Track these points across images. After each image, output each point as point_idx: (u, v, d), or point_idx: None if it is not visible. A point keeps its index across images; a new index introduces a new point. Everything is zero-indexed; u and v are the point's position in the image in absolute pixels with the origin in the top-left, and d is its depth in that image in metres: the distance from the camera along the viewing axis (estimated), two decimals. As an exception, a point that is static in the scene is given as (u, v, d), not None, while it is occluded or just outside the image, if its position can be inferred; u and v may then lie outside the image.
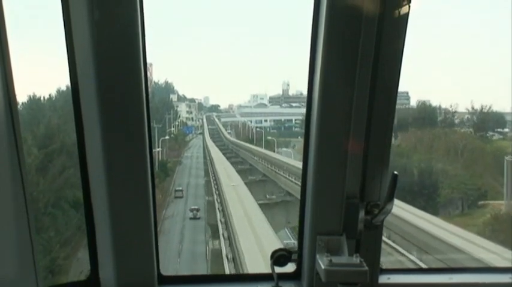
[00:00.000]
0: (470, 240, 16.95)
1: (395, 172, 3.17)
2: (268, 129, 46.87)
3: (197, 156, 50.16)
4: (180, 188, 41.83)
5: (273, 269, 3.40)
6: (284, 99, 46.64)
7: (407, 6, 3.10)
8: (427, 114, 35.89)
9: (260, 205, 28.04)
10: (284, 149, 42.75)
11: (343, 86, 3.16)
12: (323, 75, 3.13)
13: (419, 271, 4.10)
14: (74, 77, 3.01)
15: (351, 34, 3.08)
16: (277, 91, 48.18)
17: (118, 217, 3.15)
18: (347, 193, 3.28)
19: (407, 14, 3.12)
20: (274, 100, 47.80)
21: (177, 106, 48.77)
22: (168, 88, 47.39)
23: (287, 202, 28.82)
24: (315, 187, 3.29)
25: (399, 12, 3.11)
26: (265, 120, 47.41)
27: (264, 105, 48.33)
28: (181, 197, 40.76)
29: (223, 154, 46.20)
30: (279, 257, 3.41)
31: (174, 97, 48.13)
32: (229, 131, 52.84)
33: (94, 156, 3.07)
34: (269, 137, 44.92)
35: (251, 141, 47.06)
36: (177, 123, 48.86)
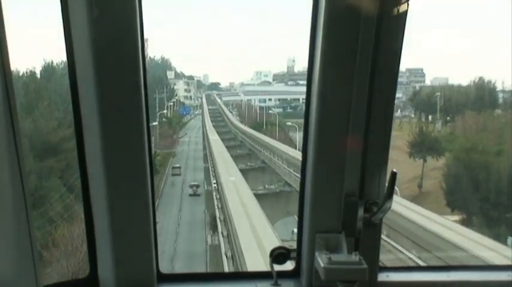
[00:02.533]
0: None
1: (395, 170, 3.42)
2: (272, 108, 46.35)
3: (196, 141, 46.66)
4: (178, 165, 41.31)
5: (272, 267, 3.68)
6: (289, 76, 46.36)
7: (406, 4, 3.34)
8: (486, 94, 32.42)
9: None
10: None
11: (341, 84, 3.41)
12: (322, 74, 3.38)
13: (418, 269, 4.37)
14: (72, 64, 3.23)
15: (349, 32, 3.33)
16: (281, 68, 47.73)
17: (117, 215, 3.41)
18: (346, 191, 3.54)
19: (406, 12, 3.35)
20: (278, 77, 47.42)
21: (174, 84, 48.01)
22: (164, 65, 46.87)
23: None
24: (314, 185, 3.55)
25: (398, 10, 3.34)
26: (270, 99, 47.11)
27: (268, 83, 48.01)
28: (179, 175, 40.44)
29: (233, 153, 39.02)
30: (278, 255, 3.68)
31: (171, 74, 47.60)
32: (232, 111, 50.90)
33: (93, 155, 3.32)
34: (289, 123, 40.47)
35: (260, 127, 43.40)
36: (171, 103, 45.95)
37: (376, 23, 3.34)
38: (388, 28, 3.37)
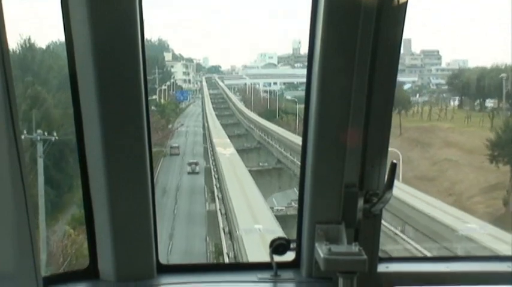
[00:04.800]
0: None
1: (394, 161, 3.69)
2: (279, 92, 45.81)
3: (194, 131, 42.25)
4: (177, 145, 39.41)
5: (272, 258, 3.97)
6: (295, 58, 45.91)
7: None
8: None
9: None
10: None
11: (342, 75, 3.68)
12: (322, 64, 3.65)
13: (418, 259, 4.66)
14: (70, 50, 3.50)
15: (349, 24, 3.60)
16: (286, 50, 47.25)
17: (117, 207, 3.69)
18: (346, 182, 3.82)
19: (405, 3, 3.61)
20: (283, 60, 47.05)
21: (172, 66, 47.56)
22: (162, 46, 46.55)
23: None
24: (314, 176, 3.83)
25: (398, 1, 3.61)
26: (275, 83, 46.82)
27: (274, 65, 47.72)
28: (177, 155, 38.66)
29: (252, 163, 29.60)
30: (278, 246, 3.97)
31: (168, 56, 47.27)
32: (235, 94, 48.90)
33: (93, 148, 3.60)
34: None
35: (271, 115, 38.75)
36: (164, 87, 43.40)
37: (376, 14, 3.60)
38: (388, 19, 3.63)
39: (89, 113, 3.55)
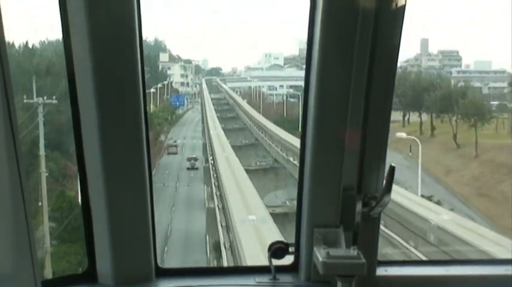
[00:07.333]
0: None
1: (393, 164, 4.02)
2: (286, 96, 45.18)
3: (193, 145, 39.32)
4: (175, 144, 39.53)
5: (270, 261, 4.29)
6: (301, 60, 45.22)
7: None
8: None
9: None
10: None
11: (340, 77, 3.99)
12: (320, 66, 3.97)
13: (417, 263, 4.96)
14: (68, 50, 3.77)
15: (347, 27, 3.91)
16: (291, 51, 46.78)
17: (115, 209, 3.99)
18: (344, 185, 4.12)
19: (404, 6, 3.94)
20: (289, 61, 46.45)
21: (169, 68, 46.73)
22: (158, 47, 46.31)
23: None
24: (312, 179, 4.14)
25: (396, 4, 3.94)
26: (281, 86, 46.28)
27: (280, 66, 47.17)
28: (175, 154, 39.24)
29: None
30: (277, 250, 4.29)
31: (164, 57, 46.83)
32: (241, 98, 46.61)
33: (91, 151, 3.91)
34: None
35: (292, 126, 34.26)
36: (153, 90, 40.95)
37: (374, 16, 3.91)
38: (386, 22, 3.94)
39: (88, 115, 3.84)
